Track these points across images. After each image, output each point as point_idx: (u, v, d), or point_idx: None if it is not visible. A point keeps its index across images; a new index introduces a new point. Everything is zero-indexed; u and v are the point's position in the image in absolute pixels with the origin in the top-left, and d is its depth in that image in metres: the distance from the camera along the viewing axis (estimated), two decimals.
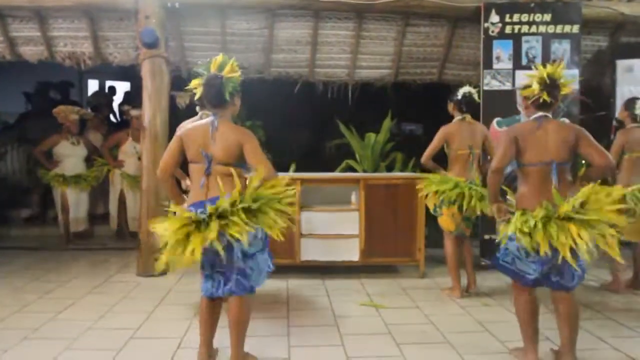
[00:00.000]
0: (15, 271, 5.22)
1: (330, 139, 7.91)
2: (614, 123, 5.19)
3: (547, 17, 5.32)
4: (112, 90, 9.91)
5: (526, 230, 2.83)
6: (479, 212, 4.24)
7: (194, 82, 3.05)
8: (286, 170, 5.57)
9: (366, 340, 3.45)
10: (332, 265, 5.05)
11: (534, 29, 5.34)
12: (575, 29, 5.36)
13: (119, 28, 5.65)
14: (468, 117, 4.49)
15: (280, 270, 5.11)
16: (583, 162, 4.46)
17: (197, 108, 3.58)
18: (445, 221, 4.40)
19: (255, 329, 3.64)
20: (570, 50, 5.36)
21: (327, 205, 5.11)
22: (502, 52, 5.32)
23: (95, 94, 9.99)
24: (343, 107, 6.78)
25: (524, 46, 5.36)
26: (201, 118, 3.37)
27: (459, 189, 4.21)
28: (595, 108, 5.85)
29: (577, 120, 5.33)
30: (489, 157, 4.43)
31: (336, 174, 6.09)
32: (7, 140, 8.01)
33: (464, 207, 4.19)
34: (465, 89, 4.50)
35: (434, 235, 5.06)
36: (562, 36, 5.35)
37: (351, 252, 5.02)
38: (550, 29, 5.34)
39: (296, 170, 5.42)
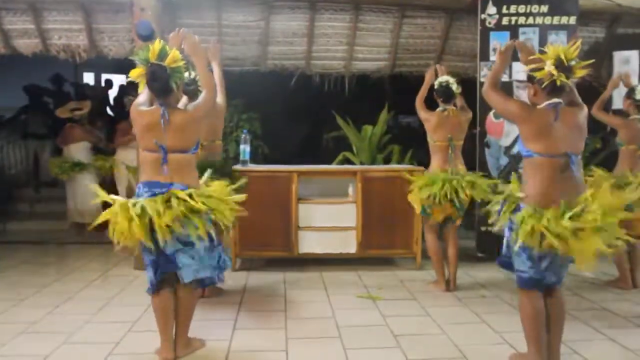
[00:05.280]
0: (13, 265, 5.22)
1: (327, 131, 7.91)
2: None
3: (544, 8, 5.30)
4: (109, 83, 9.86)
5: (546, 228, 2.54)
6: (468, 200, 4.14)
7: (136, 72, 2.90)
8: (283, 162, 5.56)
9: (363, 332, 3.46)
10: (329, 257, 5.07)
11: (530, 20, 5.33)
12: (572, 20, 5.35)
13: (114, 20, 5.62)
14: (451, 108, 4.30)
15: (278, 263, 5.15)
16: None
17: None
18: (436, 218, 4.31)
19: (253, 322, 3.66)
20: (567, 42, 5.34)
21: (324, 198, 5.12)
22: (499, 43, 5.29)
23: (90, 87, 9.93)
24: (340, 99, 6.77)
25: (521, 38, 5.32)
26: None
27: (447, 185, 4.05)
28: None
29: None
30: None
31: (333, 167, 6.10)
32: (4, 135, 7.99)
33: (454, 199, 4.04)
34: (443, 78, 4.32)
35: None
36: (559, 27, 5.33)
37: (348, 245, 5.03)
38: (547, 20, 5.33)
39: (293, 163, 5.42)
